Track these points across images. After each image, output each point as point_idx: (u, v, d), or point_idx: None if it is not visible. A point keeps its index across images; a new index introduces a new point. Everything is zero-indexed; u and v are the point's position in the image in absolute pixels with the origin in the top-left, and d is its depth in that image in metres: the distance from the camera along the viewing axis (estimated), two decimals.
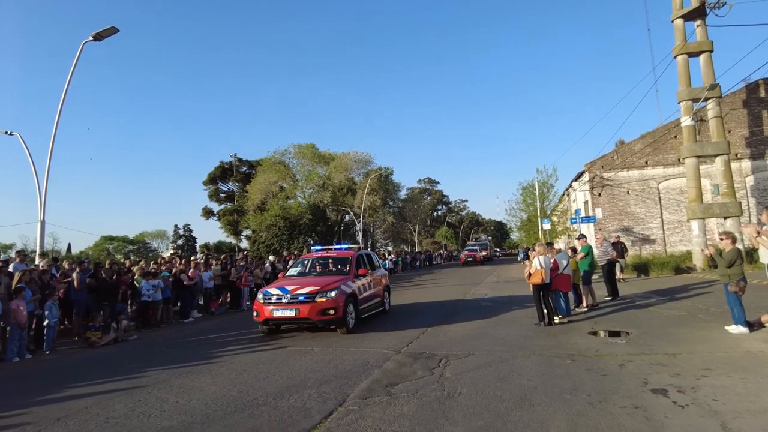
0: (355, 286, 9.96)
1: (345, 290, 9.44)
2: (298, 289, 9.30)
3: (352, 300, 9.63)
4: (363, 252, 11.97)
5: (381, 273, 12.26)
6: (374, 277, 11.44)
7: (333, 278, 9.84)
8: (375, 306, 11.20)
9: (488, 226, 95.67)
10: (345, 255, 11.38)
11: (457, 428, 4.13)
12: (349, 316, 9.43)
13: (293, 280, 10.32)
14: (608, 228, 24.72)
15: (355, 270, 10.40)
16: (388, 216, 53.28)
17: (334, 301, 9.06)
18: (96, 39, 14.30)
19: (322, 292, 9.11)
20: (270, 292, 9.53)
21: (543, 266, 9.19)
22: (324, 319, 9.03)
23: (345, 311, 9.20)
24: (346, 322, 9.26)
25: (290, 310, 9.07)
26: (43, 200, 14.85)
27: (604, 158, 25.83)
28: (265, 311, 9.28)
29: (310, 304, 8.98)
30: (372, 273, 11.34)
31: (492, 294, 15.75)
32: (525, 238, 44.56)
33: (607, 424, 4.07)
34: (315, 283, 9.49)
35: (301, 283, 9.71)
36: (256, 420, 4.61)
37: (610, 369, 5.85)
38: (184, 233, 75.70)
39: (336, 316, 9.02)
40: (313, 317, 8.97)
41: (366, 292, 10.56)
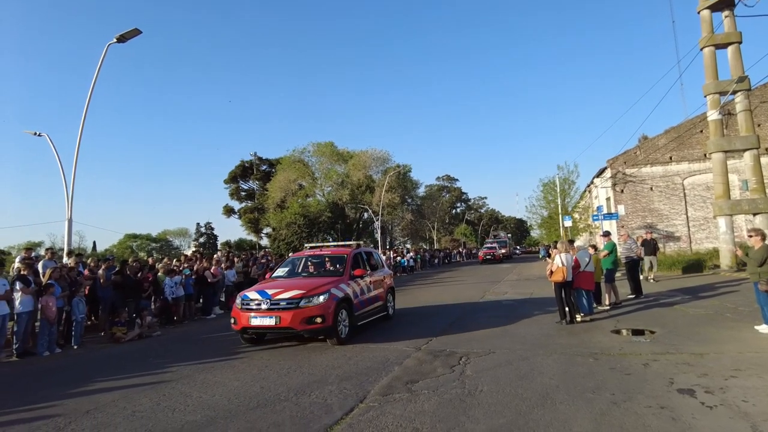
0: (349, 289, 8.75)
1: (336, 294, 8.21)
2: (281, 293, 8.05)
3: (345, 305, 8.44)
4: (362, 250, 10.59)
5: (383, 273, 10.93)
6: (375, 278, 10.17)
7: (323, 280, 8.66)
8: (375, 311, 9.98)
9: (508, 224, 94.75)
10: (340, 253, 10.00)
11: (478, 426, 4.11)
12: (341, 324, 8.24)
13: (278, 282, 8.99)
14: (631, 225, 24.26)
15: (350, 270, 9.17)
16: (406, 213, 53.28)
17: (321, 307, 7.83)
18: (120, 41, 14.57)
19: (308, 297, 7.87)
20: (248, 297, 8.27)
21: (565, 264, 9.08)
22: (310, 328, 7.78)
23: (335, 319, 7.99)
24: (337, 332, 8.06)
25: (270, 317, 7.81)
26: (71, 199, 15.23)
27: (626, 154, 25.34)
28: (242, 318, 8.07)
29: (293, 310, 7.72)
30: (372, 273, 10.16)
31: (512, 292, 15.61)
32: (546, 236, 43.98)
33: (632, 424, 4.00)
34: (301, 286, 8.25)
35: (286, 285, 8.42)
36: (278, 415, 4.66)
37: (635, 368, 5.75)
38: (206, 231, 76.88)
39: (324, 324, 7.78)
40: (296, 326, 7.71)
41: (363, 296, 9.37)
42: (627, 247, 12.68)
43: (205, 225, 77.32)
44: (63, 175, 15.46)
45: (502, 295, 14.72)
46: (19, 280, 8.78)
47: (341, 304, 8.28)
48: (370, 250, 11.56)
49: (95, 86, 15.26)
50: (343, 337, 8.19)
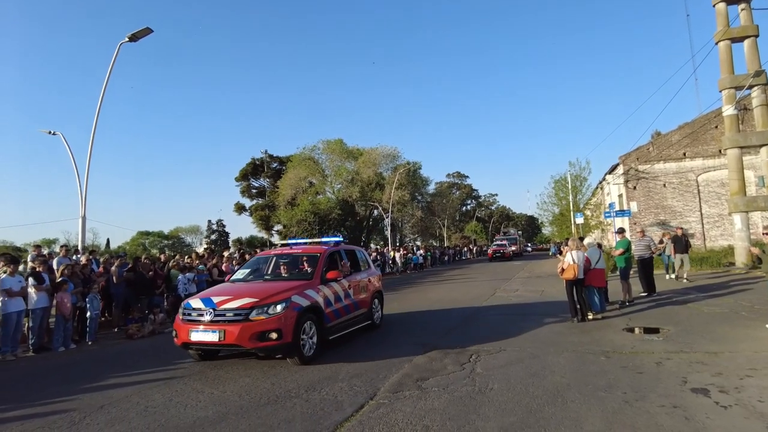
0: (319, 295, 7.28)
1: (298, 303, 6.71)
2: (228, 301, 6.57)
3: (312, 316, 6.97)
4: (341, 248, 9.10)
5: (367, 275, 9.46)
6: (355, 281, 8.73)
7: (285, 285, 7.19)
8: (356, 320, 8.56)
9: (519, 221, 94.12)
10: (312, 252, 8.50)
11: (489, 423, 4.10)
12: (306, 339, 6.77)
13: (230, 287, 7.61)
14: (643, 222, 23.97)
15: (322, 273, 7.66)
16: (416, 211, 53.21)
17: (278, 319, 6.31)
18: (131, 40, 14.73)
19: (261, 307, 6.36)
20: (191, 305, 6.80)
21: (576, 261, 9.01)
22: (262, 345, 6.28)
23: (296, 334, 6.48)
24: (299, 350, 6.53)
25: (213, 332, 6.28)
26: (84, 197, 15.45)
27: (639, 150, 25.03)
28: (182, 332, 6.61)
29: (241, 323, 6.23)
30: (353, 276, 8.80)
31: (523, 289, 15.53)
32: (557, 233, 43.69)
33: (645, 423, 3.96)
34: (255, 293, 6.78)
35: (237, 292, 6.96)
36: (289, 412, 4.69)
37: (647, 367, 5.69)
38: (218, 228, 77.37)
39: (281, 341, 6.28)
40: (244, 343, 6.20)
41: (339, 303, 7.89)
42: (644, 244, 12.52)
43: (216, 222, 77.87)
44: (77, 173, 15.68)
45: (512, 293, 14.65)
46: (32, 276, 8.92)
47: (306, 315, 6.79)
48: (353, 248, 10.01)
49: (108, 84, 15.46)
50: (308, 355, 6.68)
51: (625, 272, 10.99)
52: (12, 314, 8.36)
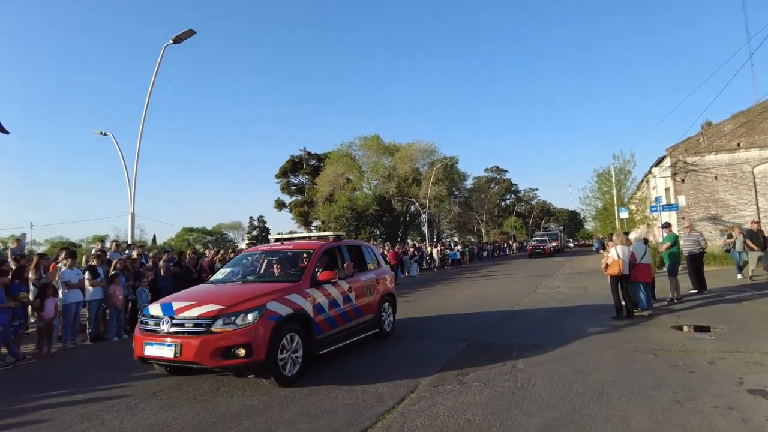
0: (307, 301, 6.06)
1: (275, 312, 5.49)
2: (190, 308, 5.42)
3: (296, 327, 5.76)
4: (342, 244, 7.87)
5: (375, 275, 8.20)
6: (359, 282, 7.50)
7: (263, 289, 6.01)
8: (358, 329, 7.27)
9: (560, 216, 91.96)
10: (305, 248, 7.25)
11: (531, 419, 4.05)
12: (289, 355, 5.57)
13: (201, 290, 6.56)
14: (692, 216, 22.93)
15: (313, 273, 6.49)
16: (454, 206, 52.80)
17: (247, 332, 5.14)
18: (176, 42, 15.24)
19: (227, 316, 5.21)
20: (148, 312, 5.74)
21: (621, 256, 8.75)
22: (227, 364, 5.11)
23: (272, 349, 5.29)
24: (277, 368, 5.35)
25: (168, 345, 5.17)
26: (133, 194, 16.16)
27: (688, 141, 23.92)
28: (137, 344, 5.54)
29: (201, 336, 5.08)
30: (356, 276, 7.57)
31: (565, 286, 15.19)
32: (600, 228, 42.34)
33: (697, 423, 3.82)
34: (222, 298, 5.63)
35: (203, 296, 5.85)
36: (332, 402, 4.79)
37: (699, 366, 5.47)
38: (259, 224, 79.23)
39: (251, 359, 5.10)
40: (204, 361, 5.03)
41: (335, 310, 6.66)
42: (693, 239, 11.99)
43: (257, 218, 79.76)
44: (126, 172, 16.41)
45: (554, 290, 14.35)
46: (88, 270, 9.44)
47: (286, 326, 5.58)
48: (358, 244, 8.84)
49: (154, 85, 16.07)
50: (289, 375, 5.50)
51: (672, 268, 10.58)
52: (71, 305, 8.88)
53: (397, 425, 4.08)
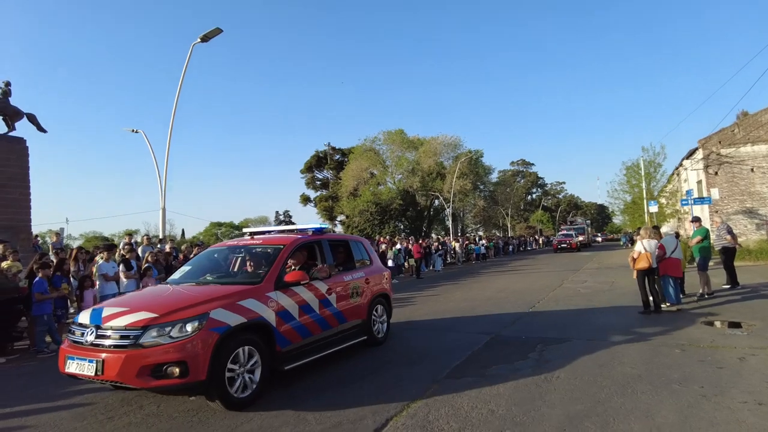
0: (268, 307, 5.11)
1: (222, 321, 4.56)
2: (120, 315, 4.57)
3: (252, 338, 4.85)
4: (323, 238, 6.73)
5: (364, 274, 7.17)
6: (342, 283, 6.50)
7: (211, 292, 5.07)
8: (339, 338, 6.29)
9: (588, 210, 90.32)
10: (275, 243, 6.19)
11: (554, 410, 4.09)
12: (241, 373, 4.64)
13: (143, 294, 6.01)
14: (726, 210, 22.29)
15: (279, 274, 5.51)
16: (478, 200, 52.43)
17: (182, 346, 4.28)
18: (203, 40, 15.57)
19: (160, 326, 4.35)
20: (77, 320, 4.96)
21: (648, 250, 8.62)
22: (157, 384, 4.29)
23: (216, 367, 4.39)
24: (223, 390, 4.44)
25: (89, 361, 4.35)
26: (164, 190, 16.65)
27: (722, 132, 23.20)
28: (60, 357, 4.72)
29: (126, 351, 4.27)
30: (339, 276, 6.54)
31: (592, 281, 15.00)
32: (629, 222, 41.48)
33: (724, 418, 3.79)
34: (159, 304, 4.81)
35: (139, 302, 5.05)
36: (357, 392, 4.91)
37: (728, 362, 5.39)
38: (284, 219, 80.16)
39: (188, 379, 4.25)
40: (129, 380, 4.22)
41: (307, 316, 5.65)
42: (718, 234, 11.70)
43: (283, 213, 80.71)
44: (157, 168, 16.91)
45: (581, 284, 14.20)
46: (122, 263, 9.81)
47: (237, 338, 4.68)
48: (346, 239, 7.89)
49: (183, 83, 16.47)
50: (240, 397, 4.58)
51: (702, 263, 10.34)
52: (108, 296, 9.20)
53: (421, 414, 4.18)
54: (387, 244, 21.65)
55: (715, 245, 11.75)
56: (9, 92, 13.76)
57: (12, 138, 13.78)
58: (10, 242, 10.24)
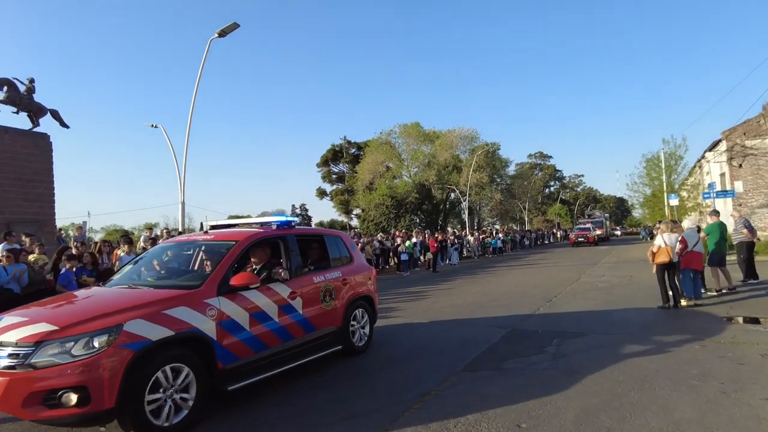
0: (206, 317, 4.26)
1: (139, 335, 3.75)
2: (16, 327, 3.80)
3: (183, 354, 4.03)
4: (290, 234, 5.73)
5: (341, 274, 6.25)
6: (310, 285, 5.62)
7: (138, 298, 4.31)
8: (307, 347, 5.42)
9: (607, 203, 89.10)
10: (228, 239, 5.27)
11: (571, 404, 4.09)
12: (166, 398, 3.85)
13: (61, 300, 4.80)
14: (751, 203, 21.81)
15: (224, 277, 4.61)
16: (495, 193, 52.01)
17: (83, 367, 3.49)
18: (221, 35, 15.72)
19: (60, 342, 3.57)
20: None
21: (668, 244, 8.49)
22: (49, 416, 3.49)
23: (128, 392, 3.61)
24: (141, 419, 3.67)
25: None
26: (183, 184, 16.90)
27: (747, 124, 22.63)
28: None
29: (12, 374, 3.49)
30: (307, 277, 5.68)
31: (610, 275, 14.84)
32: (649, 216, 40.81)
33: (744, 414, 3.75)
34: (63, 314, 4.08)
35: (47, 310, 4.30)
36: (373, 383, 4.99)
37: (750, 358, 5.31)
38: (301, 212, 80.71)
39: (90, 408, 3.48)
40: (14, 410, 3.50)
41: (261, 326, 4.77)
42: (735, 228, 11.46)
43: (300, 206, 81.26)
44: (176, 162, 17.16)
45: (598, 278, 14.06)
46: None
47: (163, 355, 3.88)
48: (320, 233, 6.91)
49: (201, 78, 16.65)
50: (164, 426, 3.80)
51: (711, 258, 10.11)
52: None
53: (437, 406, 4.21)
54: (402, 238, 21.70)
55: (732, 239, 11.52)
56: (33, 89, 14.10)
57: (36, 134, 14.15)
58: (35, 235, 10.55)
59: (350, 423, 3.97)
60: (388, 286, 15.10)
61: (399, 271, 19.88)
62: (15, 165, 13.08)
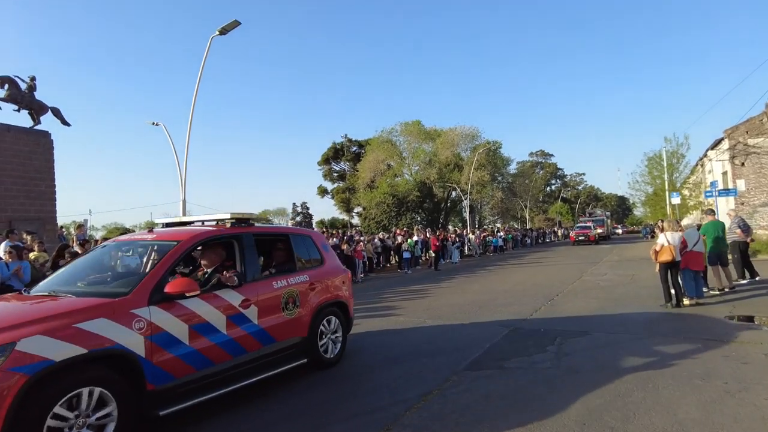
0: (132, 330, 3.68)
1: (37, 356, 3.11)
2: None
3: (100, 376, 3.42)
4: (246, 233, 5.13)
5: (308, 277, 5.59)
6: (267, 291, 4.97)
7: (38, 310, 3.76)
8: (264, 362, 4.79)
9: (608, 202, 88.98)
10: (165, 239, 4.70)
11: (574, 404, 4.07)
12: (72, 424, 3.20)
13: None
14: (753, 202, 21.74)
15: (157, 283, 4.03)
16: (496, 192, 51.95)
17: None
18: (222, 33, 15.62)
19: None
20: None
21: (671, 243, 8.46)
22: None
23: (19, 423, 2.96)
24: None
25: None
26: (184, 182, 16.85)
27: (749, 122, 22.54)
28: None
29: None
30: (266, 282, 5.06)
31: (612, 273, 14.81)
32: (650, 214, 40.74)
33: (748, 414, 3.73)
34: None
35: None
36: (375, 382, 4.97)
37: (753, 357, 5.28)
38: (302, 210, 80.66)
39: None
40: None
41: (203, 340, 4.16)
42: (729, 228, 11.43)
43: (301, 204, 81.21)
44: (177, 160, 17.11)
45: (600, 277, 14.03)
46: None
47: (71, 378, 3.28)
48: (283, 232, 6.30)
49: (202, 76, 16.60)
50: None
51: (717, 256, 10.06)
52: None
53: (438, 405, 4.20)
54: (404, 236, 21.70)
55: (727, 238, 11.49)
56: (34, 87, 14.09)
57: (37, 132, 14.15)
58: (36, 233, 10.54)
59: (352, 422, 3.95)
60: (389, 284, 15.10)
61: (400, 269, 19.90)
62: (17, 163, 13.09)
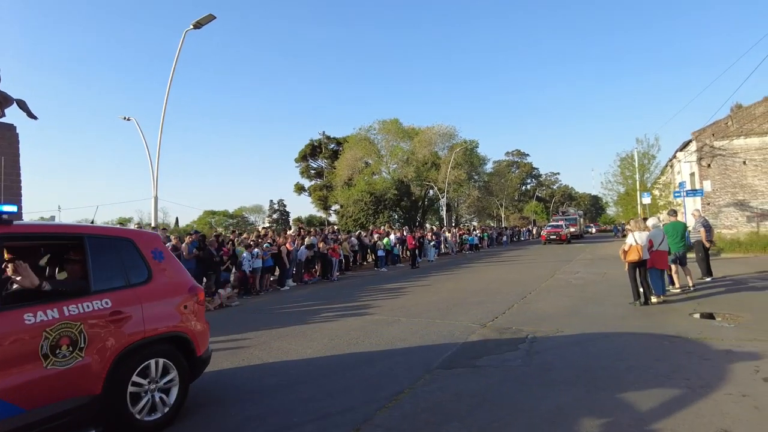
0: None
1: None
2: None
3: None
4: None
5: (110, 304, 3.69)
6: (8, 331, 3.07)
7: None
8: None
9: (582, 201, 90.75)
10: None
11: (544, 402, 4.13)
12: None
13: None
14: (718, 202, 22.44)
15: None
16: (473, 190, 52.43)
17: None
18: (196, 27, 15.32)
19: None
20: None
21: (639, 242, 8.67)
22: None
23: None
24: None
25: None
26: (156, 178, 16.49)
27: (715, 125, 23.23)
28: None
29: None
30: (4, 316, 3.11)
31: (585, 272, 15.09)
32: (622, 214, 41.73)
33: (710, 410, 3.84)
34: None
35: None
36: (348, 381, 4.94)
37: (715, 354, 5.45)
38: (279, 208, 79.94)
39: None
40: None
41: None
42: (693, 227, 11.85)
43: (278, 202, 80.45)
44: (149, 156, 16.75)
45: (573, 275, 14.28)
46: None
47: None
48: (76, 233, 3.88)
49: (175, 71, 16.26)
50: None
51: (678, 256, 10.35)
52: None
53: (410, 404, 4.20)
54: (381, 235, 21.72)
55: (691, 238, 11.84)
56: None
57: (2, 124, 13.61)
58: None
59: (322, 423, 3.92)
60: (365, 282, 15.08)
61: (377, 268, 19.92)
62: None
